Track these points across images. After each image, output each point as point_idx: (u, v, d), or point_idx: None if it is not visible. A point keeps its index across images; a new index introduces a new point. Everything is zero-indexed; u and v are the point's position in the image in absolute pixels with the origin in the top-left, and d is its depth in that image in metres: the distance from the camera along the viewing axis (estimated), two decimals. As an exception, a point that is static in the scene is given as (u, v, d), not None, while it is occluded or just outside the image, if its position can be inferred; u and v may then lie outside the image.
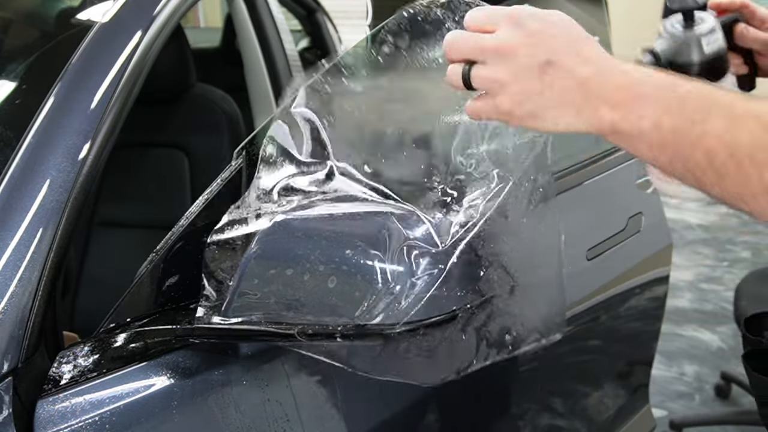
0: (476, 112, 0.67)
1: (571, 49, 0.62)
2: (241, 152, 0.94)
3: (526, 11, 0.63)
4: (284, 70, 1.81)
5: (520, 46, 0.62)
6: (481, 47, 0.63)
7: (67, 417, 0.73)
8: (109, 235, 1.73)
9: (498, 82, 0.63)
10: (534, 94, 0.62)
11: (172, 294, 0.89)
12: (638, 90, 0.60)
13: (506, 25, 0.63)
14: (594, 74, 0.61)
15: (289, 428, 0.87)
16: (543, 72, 0.61)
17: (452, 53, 0.66)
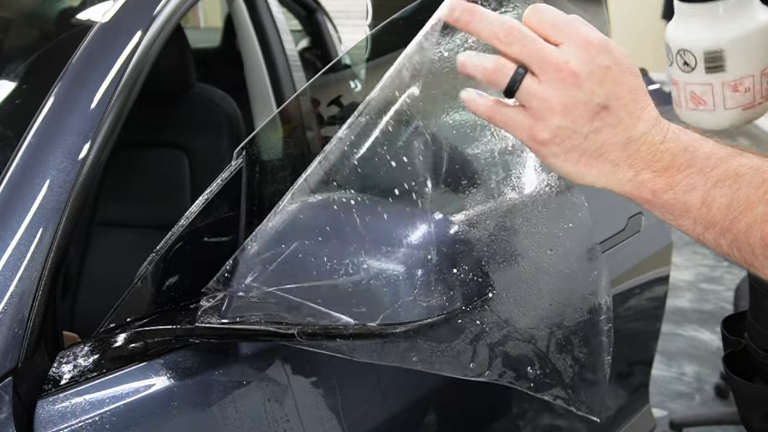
0: (504, 122, 0.59)
1: (631, 101, 0.56)
2: (241, 152, 0.94)
3: (602, 40, 0.56)
4: (284, 70, 1.81)
5: (586, 78, 0.55)
6: (546, 59, 0.55)
7: (67, 417, 0.73)
8: (109, 235, 1.73)
9: (548, 106, 0.56)
10: (577, 136, 0.56)
11: (172, 294, 0.89)
12: (689, 158, 0.55)
13: (577, 47, 0.55)
14: (644, 134, 0.56)
15: (289, 428, 0.87)
16: (596, 115, 0.56)
17: (512, 48, 0.56)
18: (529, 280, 0.79)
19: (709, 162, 0.55)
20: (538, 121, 0.57)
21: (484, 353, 0.77)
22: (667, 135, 0.56)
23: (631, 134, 0.56)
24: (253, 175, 0.96)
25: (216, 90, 1.87)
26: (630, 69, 0.57)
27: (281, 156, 1.10)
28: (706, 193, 0.54)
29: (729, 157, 0.55)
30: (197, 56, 1.88)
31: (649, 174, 0.56)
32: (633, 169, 0.56)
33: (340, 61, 1.55)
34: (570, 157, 0.57)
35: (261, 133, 1.03)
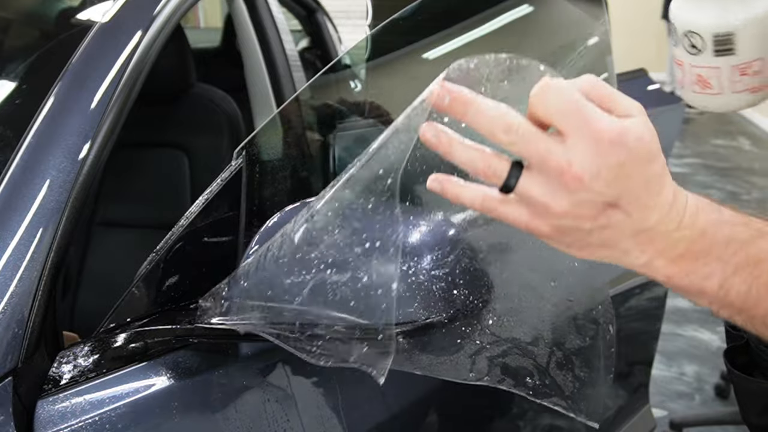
0: (499, 217, 0.54)
1: (644, 192, 0.51)
2: (241, 152, 0.94)
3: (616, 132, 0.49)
4: (284, 70, 1.81)
5: (592, 180, 0.49)
6: (547, 161, 0.50)
7: (67, 417, 0.73)
8: (109, 235, 1.73)
9: (546, 208, 0.51)
10: (580, 233, 0.52)
11: (172, 294, 0.89)
12: (707, 245, 0.52)
13: (584, 143, 0.49)
14: (657, 223, 0.52)
15: (289, 428, 0.87)
16: (602, 213, 0.51)
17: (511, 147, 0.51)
18: (531, 307, 0.78)
19: (728, 249, 0.52)
20: (537, 218, 0.52)
21: (483, 363, 0.78)
22: (683, 220, 0.52)
23: (641, 225, 0.52)
24: (253, 175, 0.96)
25: (216, 90, 1.87)
26: (647, 156, 0.50)
27: (281, 156, 1.10)
28: (724, 280, 0.52)
29: (750, 241, 0.52)
30: (197, 56, 1.88)
31: (663, 261, 0.53)
32: (645, 255, 0.53)
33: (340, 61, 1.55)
34: (573, 246, 0.54)
35: (261, 133, 1.03)
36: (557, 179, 0.50)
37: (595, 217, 0.51)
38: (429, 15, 1.20)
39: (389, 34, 1.13)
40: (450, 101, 0.52)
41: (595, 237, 0.52)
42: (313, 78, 1.15)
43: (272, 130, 1.12)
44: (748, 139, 6.35)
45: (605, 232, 0.52)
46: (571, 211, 0.51)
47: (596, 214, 0.51)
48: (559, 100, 0.50)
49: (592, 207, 0.50)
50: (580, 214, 0.51)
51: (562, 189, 0.50)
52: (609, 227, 0.51)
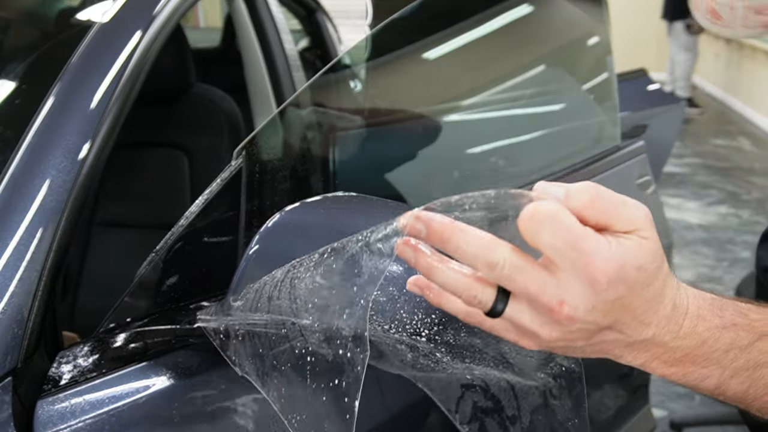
0: (482, 326, 0.52)
1: (641, 313, 0.49)
2: (241, 152, 0.94)
3: (613, 271, 0.46)
4: (284, 70, 1.81)
5: (586, 315, 0.47)
6: (536, 298, 0.47)
7: (67, 417, 0.73)
8: (109, 235, 1.73)
9: (535, 335, 0.49)
10: (573, 349, 0.51)
11: (172, 294, 0.89)
12: (706, 352, 0.51)
13: (578, 282, 0.46)
14: (654, 336, 0.50)
15: (289, 428, 0.87)
16: (596, 334, 0.49)
17: (498, 281, 0.48)
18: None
19: (728, 355, 0.51)
20: (525, 338, 0.50)
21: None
22: (681, 330, 0.50)
23: (637, 338, 0.50)
24: (253, 175, 0.96)
25: (216, 90, 1.87)
26: (647, 281, 0.47)
27: (281, 156, 1.10)
28: (721, 382, 0.52)
29: (751, 345, 0.51)
30: (197, 56, 1.88)
31: (659, 363, 0.52)
32: (639, 360, 0.52)
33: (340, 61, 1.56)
34: (566, 352, 0.53)
35: (261, 133, 1.03)
36: (547, 316, 0.47)
37: (588, 338, 0.49)
38: (429, 15, 1.21)
39: (389, 34, 1.13)
40: (426, 233, 0.47)
41: (588, 350, 0.51)
42: (313, 78, 1.15)
43: (272, 130, 1.12)
44: (748, 139, 6.35)
45: (599, 347, 0.51)
46: (562, 338, 0.49)
47: (589, 336, 0.49)
48: (551, 234, 0.45)
49: (584, 333, 0.49)
50: (572, 339, 0.49)
51: (553, 325, 0.48)
52: (603, 343, 0.50)
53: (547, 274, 0.46)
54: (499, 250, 0.46)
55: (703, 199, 4.83)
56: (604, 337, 0.49)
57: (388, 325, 0.69)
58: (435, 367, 0.75)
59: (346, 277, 0.56)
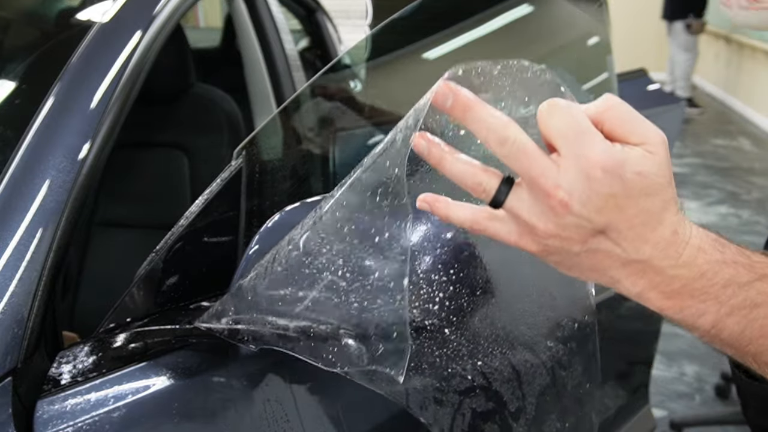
0: (488, 234, 0.54)
1: (637, 225, 0.49)
2: (241, 152, 0.94)
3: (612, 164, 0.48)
4: (284, 70, 1.82)
5: (580, 207, 0.48)
6: (536, 181, 0.49)
7: (67, 417, 0.73)
8: (109, 235, 1.73)
9: (532, 228, 0.51)
10: (568, 254, 0.51)
11: (172, 294, 0.89)
12: (704, 285, 0.51)
13: (577, 170, 0.48)
14: (651, 257, 0.50)
15: (289, 428, 0.87)
16: (591, 237, 0.50)
17: (504, 159, 0.50)
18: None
19: (726, 291, 0.51)
20: (525, 236, 0.52)
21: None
22: (681, 258, 0.51)
23: (633, 257, 0.50)
24: (253, 175, 0.96)
25: (216, 90, 1.87)
26: (645, 190, 0.49)
27: (281, 156, 1.10)
28: (718, 320, 0.52)
29: (750, 284, 0.51)
30: (197, 56, 1.88)
31: (656, 294, 0.52)
32: (636, 287, 0.52)
33: (340, 61, 1.56)
34: (562, 265, 0.53)
35: (261, 133, 1.03)
36: (544, 201, 0.49)
37: (583, 242, 0.50)
38: (429, 15, 1.21)
39: (389, 34, 1.13)
40: (452, 102, 0.51)
41: (584, 260, 0.51)
42: (313, 78, 1.15)
43: (272, 130, 1.12)
44: (748, 139, 6.35)
45: (595, 256, 0.51)
46: (557, 234, 0.50)
47: (584, 239, 0.50)
48: (561, 121, 0.48)
49: (579, 231, 0.50)
50: (567, 237, 0.50)
51: (549, 211, 0.49)
52: (598, 252, 0.51)
53: (549, 161, 0.49)
54: (511, 128, 0.49)
55: (703, 199, 4.83)
56: (599, 245, 0.50)
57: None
58: (440, 362, 0.75)
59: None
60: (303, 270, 0.68)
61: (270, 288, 0.72)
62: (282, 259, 0.70)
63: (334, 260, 0.66)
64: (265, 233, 0.81)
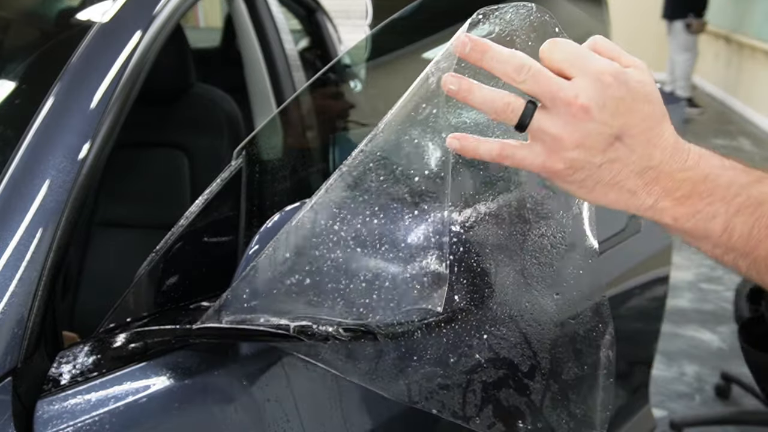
0: (516, 163, 0.59)
1: (646, 129, 0.56)
2: (241, 152, 0.94)
3: (615, 70, 0.55)
4: (284, 70, 1.81)
5: (598, 111, 0.55)
6: (556, 94, 0.55)
7: (67, 417, 0.73)
8: (109, 235, 1.73)
9: (560, 141, 0.56)
10: (591, 166, 0.57)
11: (172, 294, 0.89)
12: (710, 187, 0.56)
13: (588, 80, 0.55)
14: (661, 162, 0.56)
15: (289, 428, 0.87)
16: (609, 146, 0.56)
17: (523, 85, 0.56)
18: (533, 322, 0.78)
19: (730, 190, 0.56)
20: (552, 154, 0.57)
21: (476, 396, 0.78)
22: (687, 162, 0.56)
23: (647, 163, 0.56)
24: (253, 175, 0.96)
25: (216, 90, 1.87)
26: (647, 96, 0.56)
27: (281, 156, 1.10)
28: (727, 221, 0.55)
29: (750, 185, 0.56)
30: (197, 56, 1.88)
31: (670, 202, 0.56)
32: (652, 197, 0.57)
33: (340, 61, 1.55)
34: (585, 185, 0.57)
35: (261, 133, 1.03)
36: (566, 111, 0.55)
37: (603, 150, 0.55)
38: (429, 15, 1.20)
39: (389, 34, 1.13)
40: (470, 48, 0.57)
41: (605, 172, 0.56)
42: (313, 78, 1.15)
43: (272, 130, 1.12)
44: (748, 139, 6.35)
45: (614, 166, 0.56)
46: (582, 142, 0.55)
47: (605, 147, 0.55)
48: (564, 51, 0.56)
49: (600, 139, 0.55)
50: (590, 146, 0.55)
51: (572, 120, 0.55)
52: (617, 161, 0.56)
53: (563, 79, 0.56)
54: (526, 58, 0.56)
55: (703, 199, 4.83)
56: (617, 152, 0.56)
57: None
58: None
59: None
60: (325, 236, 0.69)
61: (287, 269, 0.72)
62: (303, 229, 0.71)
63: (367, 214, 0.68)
64: (265, 233, 0.81)
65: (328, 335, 0.73)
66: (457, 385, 0.78)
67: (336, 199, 0.70)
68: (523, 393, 0.78)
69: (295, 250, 0.72)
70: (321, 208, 0.70)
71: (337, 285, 0.71)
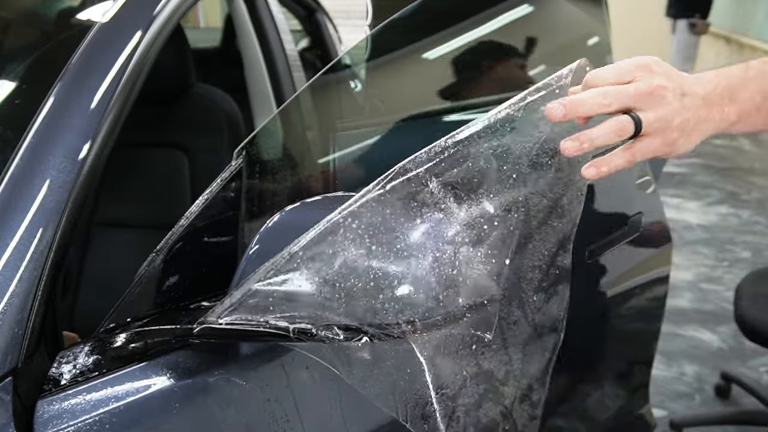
0: (644, 155, 0.73)
1: (679, 79, 0.74)
2: (241, 152, 0.95)
3: (646, 60, 0.74)
4: (284, 70, 1.81)
5: (665, 86, 0.72)
6: (640, 94, 0.71)
7: (67, 417, 0.73)
8: (109, 235, 1.73)
9: (666, 120, 0.72)
10: (687, 120, 0.73)
11: (172, 294, 0.89)
12: (734, 91, 0.77)
13: (641, 73, 0.72)
14: (705, 92, 0.75)
15: (289, 428, 0.87)
16: (682, 101, 0.73)
17: (616, 105, 0.71)
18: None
19: (744, 81, 0.78)
20: (666, 131, 0.72)
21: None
22: (710, 84, 0.76)
23: (700, 94, 0.75)
24: (253, 175, 0.96)
25: (216, 90, 1.87)
26: (671, 70, 0.75)
27: (281, 156, 1.10)
28: (750, 98, 0.78)
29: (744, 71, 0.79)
30: (197, 56, 1.88)
31: (729, 106, 0.77)
32: (719, 111, 0.76)
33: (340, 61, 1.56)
34: (691, 135, 0.74)
35: (261, 133, 1.03)
36: (653, 98, 0.71)
37: (682, 104, 0.73)
38: (429, 15, 1.21)
39: (389, 34, 1.13)
40: (562, 113, 0.70)
41: (691, 118, 0.74)
42: (313, 78, 1.15)
43: (272, 130, 1.12)
44: (748, 139, 6.35)
45: (691, 110, 0.73)
46: (676, 112, 0.72)
47: (681, 102, 0.73)
48: (603, 72, 0.74)
49: (676, 99, 0.73)
50: (680, 109, 0.73)
51: (660, 101, 0.72)
52: (690, 106, 0.74)
53: (630, 85, 0.72)
54: (597, 90, 0.72)
55: (703, 199, 4.83)
56: (686, 100, 0.73)
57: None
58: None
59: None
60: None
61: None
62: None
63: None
64: (265, 233, 0.81)
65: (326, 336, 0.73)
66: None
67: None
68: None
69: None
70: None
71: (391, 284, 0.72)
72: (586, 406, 1.62)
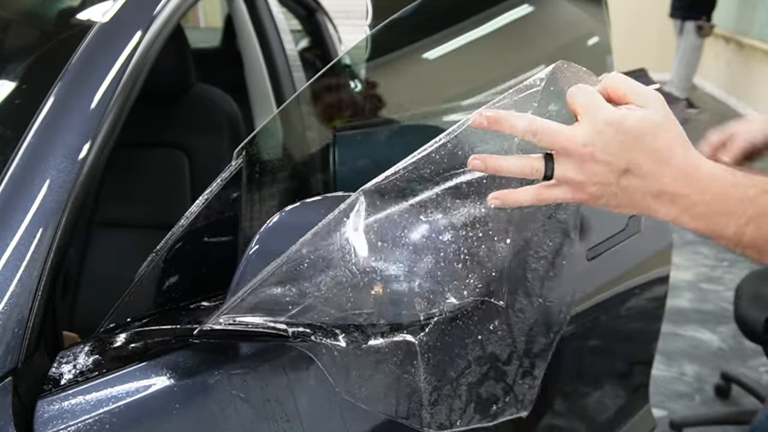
0: (551, 200, 0.69)
1: (650, 160, 0.64)
2: (241, 152, 0.94)
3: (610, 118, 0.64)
4: (284, 70, 1.81)
5: (602, 153, 0.64)
6: (565, 146, 0.65)
7: (67, 417, 0.73)
8: (109, 235, 1.73)
9: (578, 181, 0.66)
10: (610, 194, 0.66)
11: (172, 294, 0.89)
12: (722, 206, 0.65)
13: (590, 127, 0.64)
14: (675, 187, 0.65)
15: (289, 428, 0.87)
16: (621, 176, 0.65)
17: (540, 142, 0.66)
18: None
19: (741, 205, 0.65)
20: (576, 191, 0.67)
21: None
22: (697, 185, 0.65)
23: (660, 188, 0.65)
24: (253, 175, 0.96)
25: (216, 90, 1.87)
26: (651, 132, 0.64)
27: (281, 156, 1.10)
28: (738, 229, 0.65)
29: (757, 197, 0.65)
30: (197, 56, 1.88)
31: (687, 217, 0.66)
32: (671, 213, 0.66)
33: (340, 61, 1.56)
34: (611, 206, 0.67)
35: (261, 133, 1.03)
36: (577, 159, 0.65)
37: (617, 180, 0.65)
38: (429, 15, 1.21)
39: (389, 34, 1.13)
40: (487, 121, 0.66)
41: (623, 197, 0.66)
42: (313, 78, 1.15)
43: (272, 130, 1.12)
44: (748, 139, 6.34)
45: (629, 191, 0.65)
46: (595, 180, 0.65)
47: (616, 179, 0.65)
48: (580, 98, 0.66)
49: (609, 174, 0.64)
50: (603, 181, 0.65)
51: (584, 165, 0.65)
52: (629, 188, 0.65)
53: (570, 130, 0.65)
54: (535, 119, 0.66)
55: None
56: (629, 182, 0.65)
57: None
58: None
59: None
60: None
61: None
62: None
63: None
64: (265, 233, 0.81)
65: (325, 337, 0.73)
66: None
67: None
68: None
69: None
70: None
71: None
72: (586, 406, 1.61)
